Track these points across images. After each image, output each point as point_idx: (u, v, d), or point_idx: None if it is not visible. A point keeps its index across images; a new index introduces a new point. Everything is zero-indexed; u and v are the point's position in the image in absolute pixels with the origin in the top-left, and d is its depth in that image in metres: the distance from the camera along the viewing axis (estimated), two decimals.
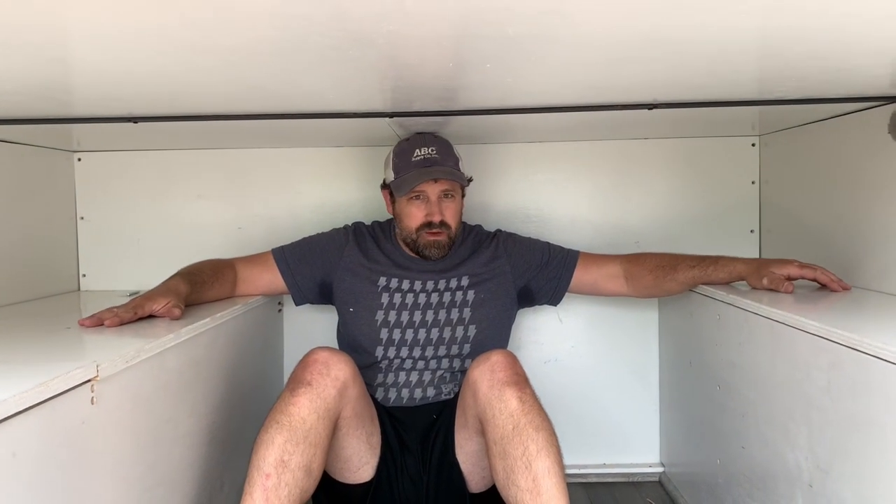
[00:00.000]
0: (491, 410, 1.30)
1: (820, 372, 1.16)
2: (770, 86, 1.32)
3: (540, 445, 1.24)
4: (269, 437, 1.24)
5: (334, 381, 1.32)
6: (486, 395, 1.32)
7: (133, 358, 1.10)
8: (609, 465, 2.13)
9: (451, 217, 1.64)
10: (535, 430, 1.26)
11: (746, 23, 0.90)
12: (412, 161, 1.63)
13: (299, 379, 1.31)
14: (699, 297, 1.69)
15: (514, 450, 1.25)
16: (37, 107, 1.40)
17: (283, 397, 1.30)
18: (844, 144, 1.68)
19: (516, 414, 1.27)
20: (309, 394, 1.28)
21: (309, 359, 1.35)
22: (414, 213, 1.64)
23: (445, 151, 1.66)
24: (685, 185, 2.11)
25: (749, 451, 1.45)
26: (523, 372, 1.37)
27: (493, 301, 1.70)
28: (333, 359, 1.35)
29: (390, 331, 1.66)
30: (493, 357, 1.37)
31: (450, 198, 1.65)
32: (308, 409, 1.27)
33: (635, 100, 1.43)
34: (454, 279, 1.70)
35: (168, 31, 0.87)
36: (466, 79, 1.18)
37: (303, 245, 1.76)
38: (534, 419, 1.27)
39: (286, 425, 1.25)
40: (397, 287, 1.69)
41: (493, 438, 1.29)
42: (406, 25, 0.81)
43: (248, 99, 1.37)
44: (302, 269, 1.73)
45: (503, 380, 1.31)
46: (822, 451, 1.17)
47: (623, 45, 0.99)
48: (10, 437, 0.83)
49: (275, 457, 1.22)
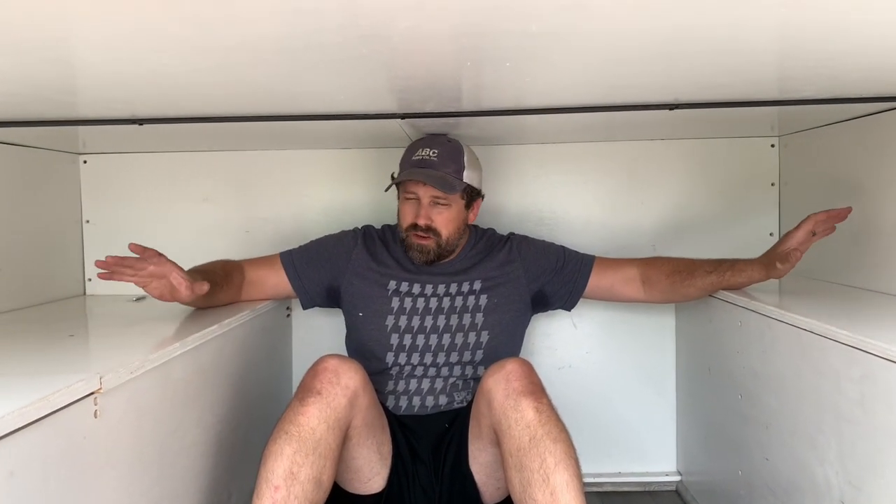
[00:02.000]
0: (507, 421, 1.26)
1: (851, 383, 1.11)
2: (797, 84, 1.27)
3: (558, 458, 1.20)
4: (277, 448, 1.21)
5: (344, 389, 1.29)
6: (501, 404, 1.28)
7: (138, 368, 1.06)
8: (624, 473, 2.09)
9: (441, 223, 1.59)
10: (552, 441, 1.22)
11: (779, 18, 0.86)
12: (411, 160, 1.61)
13: (308, 387, 1.28)
14: (719, 302, 1.64)
15: (531, 462, 1.21)
16: (41, 109, 1.37)
17: (292, 406, 1.27)
18: (867, 145, 1.63)
19: (533, 425, 1.23)
20: (318, 403, 1.25)
21: (318, 367, 1.32)
22: (405, 213, 1.62)
23: (447, 156, 1.59)
24: (702, 187, 2.06)
25: (773, 462, 1.41)
26: (539, 381, 1.33)
27: (506, 306, 1.66)
28: (343, 367, 1.32)
29: (401, 336, 1.62)
30: (508, 366, 1.33)
31: (441, 205, 1.59)
32: (318, 418, 1.24)
33: (657, 100, 1.38)
34: (466, 283, 1.66)
35: (167, 29, 0.83)
36: (483, 78, 1.14)
37: (310, 248, 1.73)
38: (551, 430, 1.23)
39: (295, 436, 1.22)
40: (408, 291, 1.64)
41: (508, 450, 1.25)
42: (425, 21, 0.77)
43: (254, 100, 1.34)
44: (309, 272, 1.69)
45: (519, 389, 1.28)
46: (853, 466, 1.12)
47: (647, 43, 0.94)
48: (8, 456, 0.79)
49: (284, 468, 1.19)
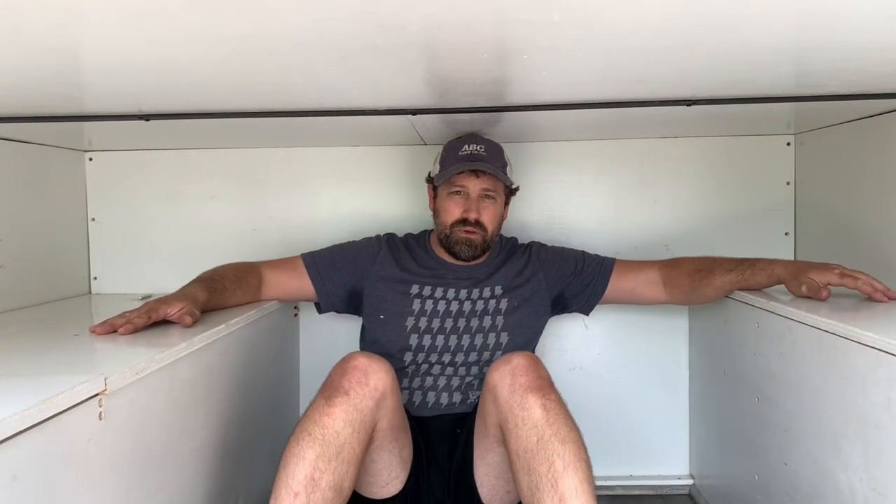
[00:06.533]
0: (513, 419, 1.20)
1: (878, 387, 1.08)
2: (820, 78, 1.24)
3: (567, 461, 1.13)
4: (300, 450, 1.14)
5: (373, 391, 1.21)
6: (507, 401, 1.22)
7: (143, 369, 1.04)
8: (637, 476, 2.06)
9: (488, 218, 1.61)
10: (560, 442, 1.15)
11: (804, 6, 0.82)
12: (459, 155, 1.62)
13: (336, 386, 1.20)
14: (735, 303, 1.61)
15: (539, 465, 1.14)
16: (46, 104, 1.35)
17: (317, 405, 1.19)
18: (885, 143, 1.60)
19: (540, 424, 1.16)
20: (345, 405, 1.18)
21: (347, 365, 1.23)
22: (451, 208, 1.61)
23: (494, 152, 1.64)
24: (717, 185, 2.03)
25: (793, 467, 1.37)
26: (547, 375, 1.25)
27: (526, 309, 1.66)
28: (374, 366, 1.24)
29: (420, 337, 1.61)
30: (514, 360, 1.26)
31: (490, 198, 1.62)
32: (343, 421, 1.17)
33: (674, 95, 1.35)
34: (488, 288, 1.66)
35: (175, 17, 0.80)
36: (498, 72, 1.11)
37: (334, 251, 1.72)
38: (559, 429, 1.16)
39: (319, 438, 1.14)
40: (430, 294, 1.64)
41: (515, 451, 1.19)
42: (442, 10, 0.74)
43: (262, 94, 1.32)
44: (333, 275, 1.67)
45: (525, 385, 1.20)
46: (880, 473, 1.08)
47: (669, 32, 0.91)
48: (11, 459, 0.76)
49: (305, 473, 1.12)
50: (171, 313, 1.30)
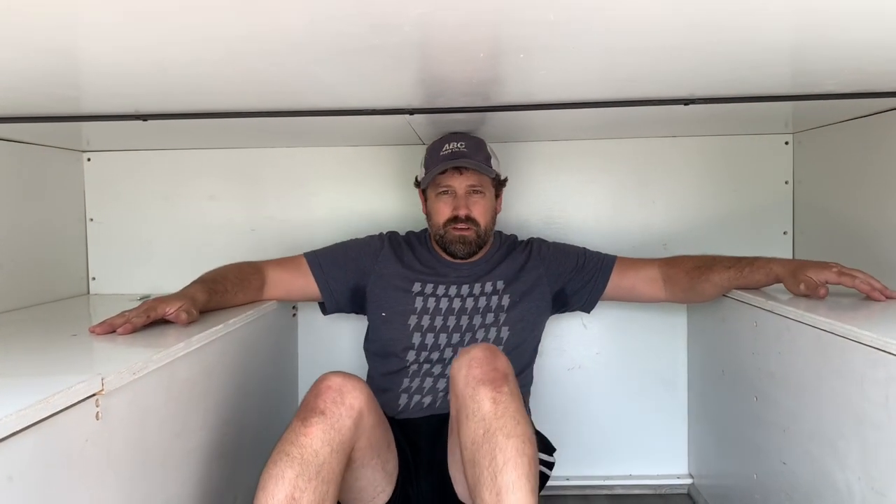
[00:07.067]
0: (465, 411, 1.17)
1: (876, 386, 1.08)
2: (818, 77, 1.24)
3: (508, 456, 1.10)
4: (278, 471, 1.11)
5: (349, 409, 1.20)
6: (461, 392, 1.19)
7: (141, 369, 1.04)
8: (635, 476, 2.06)
9: (479, 213, 1.61)
10: (504, 437, 1.11)
11: (803, 4, 0.82)
12: (440, 155, 1.62)
13: (312, 407, 1.18)
14: (733, 302, 1.61)
15: (483, 458, 1.12)
16: (44, 104, 1.35)
17: (294, 427, 1.17)
18: (883, 142, 1.60)
19: (488, 417, 1.13)
20: (322, 424, 1.16)
21: (322, 385, 1.22)
22: (441, 209, 1.61)
23: (475, 147, 1.64)
24: (715, 185, 2.03)
25: (791, 467, 1.37)
26: (505, 367, 1.21)
27: (527, 303, 1.67)
28: (348, 385, 1.22)
29: (423, 335, 1.61)
30: (472, 351, 1.23)
31: (478, 193, 1.61)
32: (321, 440, 1.15)
33: (671, 95, 1.35)
34: (489, 283, 1.67)
35: (171, 17, 0.80)
36: (495, 71, 1.11)
37: (337, 249, 1.72)
38: (506, 424, 1.13)
39: (297, 458, 1.12)
40: (432, 292, 1.65)
41: (464, 443, 1.17)
42: (438, 8, 0.74)
43: (260, 94, 1.32)
44: (336, 273, 1.68)
45: (478, 377, 1.17)
46: (877, 472, 1.08)
47: (668, 29, 0.91)
48: (6, 460, 0.76)
49: (284, 494, 1.09)
50: (169, 312, 1.31)
